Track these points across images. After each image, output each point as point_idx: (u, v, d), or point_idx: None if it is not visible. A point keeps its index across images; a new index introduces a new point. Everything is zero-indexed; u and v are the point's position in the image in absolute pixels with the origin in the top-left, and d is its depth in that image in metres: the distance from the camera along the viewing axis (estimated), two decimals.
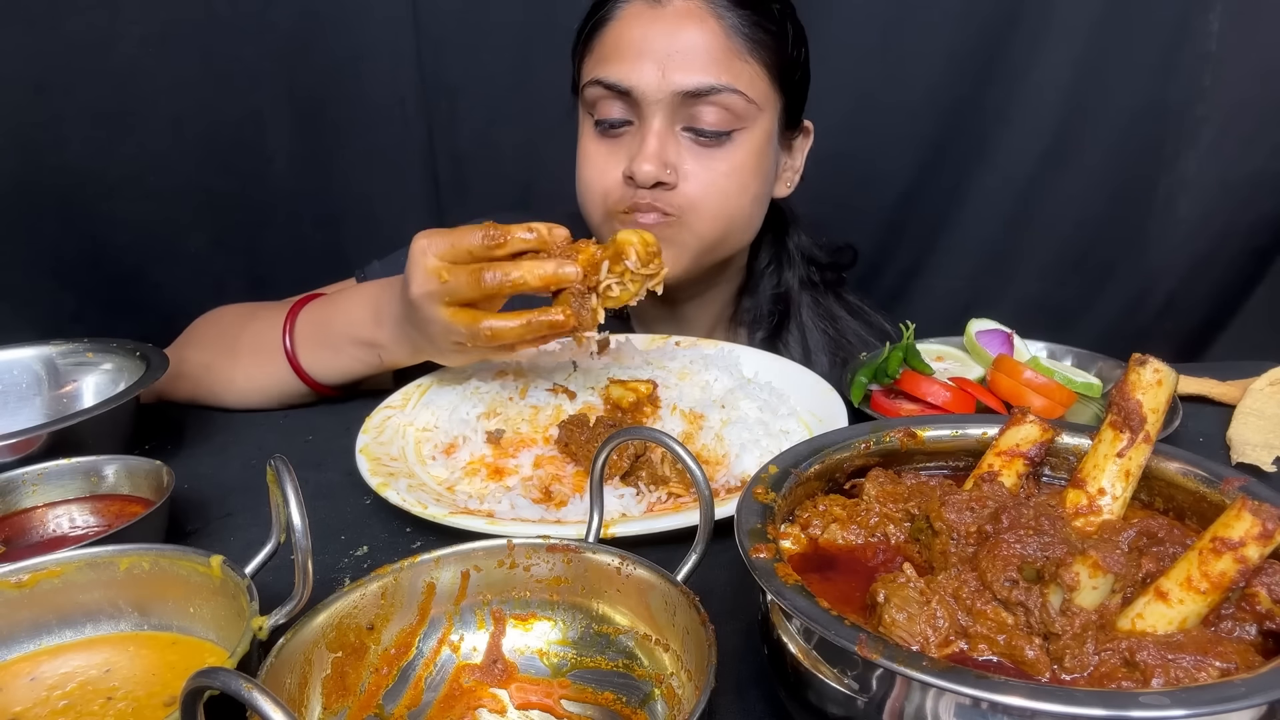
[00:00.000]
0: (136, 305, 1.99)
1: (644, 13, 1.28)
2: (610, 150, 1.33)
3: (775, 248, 1.54)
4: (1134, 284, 2.14)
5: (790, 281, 1.54)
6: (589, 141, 1.36)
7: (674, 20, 1.27)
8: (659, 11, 1.28)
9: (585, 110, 1.37)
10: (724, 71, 1.27)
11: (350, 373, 1.27)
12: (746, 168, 1.33)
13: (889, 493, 0.72)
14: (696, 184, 1.30)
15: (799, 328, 1.53)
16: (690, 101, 1.27)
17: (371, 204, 2.06)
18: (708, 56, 1.26)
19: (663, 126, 1.28)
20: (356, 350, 1.24)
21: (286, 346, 1.26)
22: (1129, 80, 1.96)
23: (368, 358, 1.24)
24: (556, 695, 0.68)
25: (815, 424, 1.13)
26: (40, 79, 1.83)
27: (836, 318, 1.58)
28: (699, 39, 1.26)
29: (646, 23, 1.28)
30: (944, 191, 2.10)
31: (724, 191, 1.32)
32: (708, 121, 1.28)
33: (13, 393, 1.25)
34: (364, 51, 1.94)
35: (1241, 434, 1.10)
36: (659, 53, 1.26)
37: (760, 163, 1.35)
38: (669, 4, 1.28)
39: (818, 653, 0.57)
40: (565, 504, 0.99)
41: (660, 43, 1.26)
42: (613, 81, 1.28)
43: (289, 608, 0.65)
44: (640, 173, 1.26)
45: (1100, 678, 0.54)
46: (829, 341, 1.54)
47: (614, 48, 1.30)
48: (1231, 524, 0.55)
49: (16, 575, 0.72)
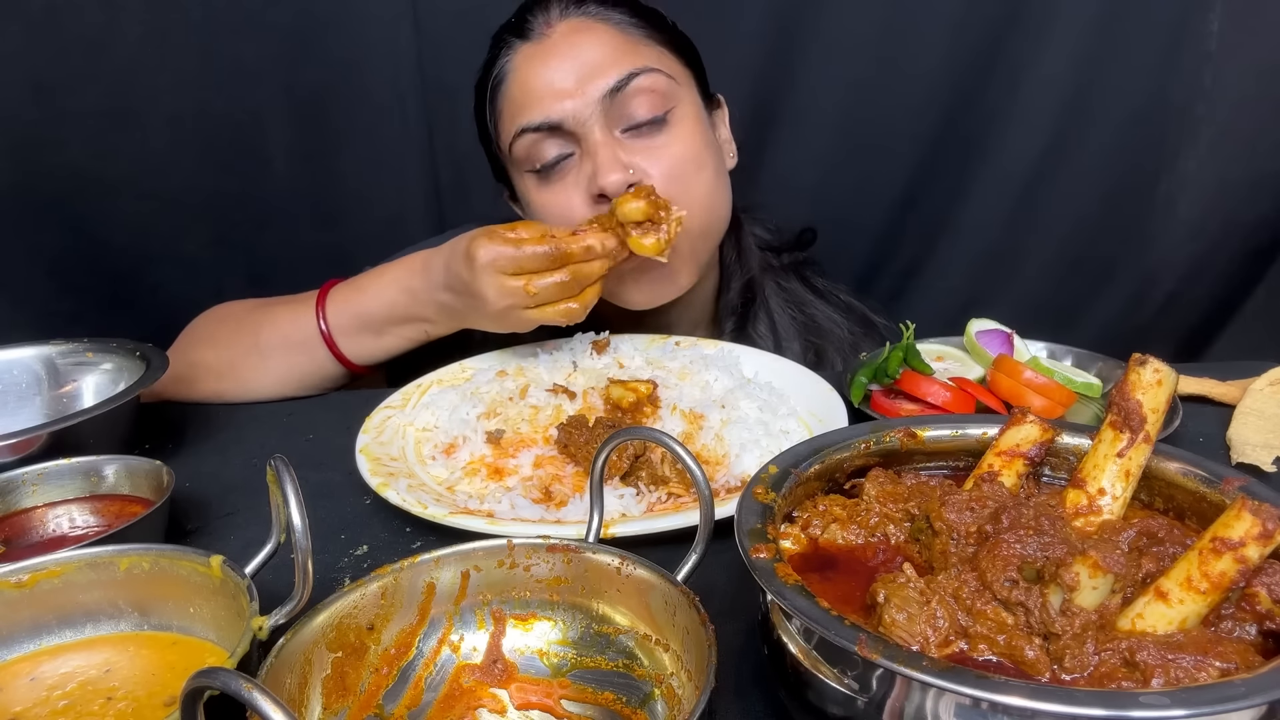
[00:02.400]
0: (136, 305, 1.98)
1: (535, 53, 1.29)
2: (561, 188, 1.31)
3: (734, 239, 1.53)
4: (1134, 284, 2.13)
5: (752, 267, 1.54)
6: (536, 194, 1.35)
7: (564, 44, 1.28)
8: (547, 43, 1.29)
9: (518, 170, 1.36)
10: (633, 59, 1.28)
11: (397, 350, 1.35)
12: (695, 142, 1.32)
13: (889, 493, 0.72)
14: (658, 171, 1.28)
15: (767, 314, 1.52)
16: (617, 100, 1.26)
17: (371, 204, 2.06)
18: (612, 54, 1.27)
19: (604, 136, 1.27)
20: (402, 329, 1.31)
21: (325, 335, 1.32)
22: (1129, 80, 1.96)
23: (413, 334, 1.32)
24: (556, 695, 0.68)
25: (815, 424, 1.13)
26: (40, 79, 1.83)
27: (804, 302, 1.57)
28: (595, 44, 1.28)
29: (541, 59, 1.29)
30: (944, 191, 2.10)
31: (684, 174, 1.30)
32: (641, 113, 1.28)
33: (13, 393, 1.25)
34: (364, 51, 1.93)
35: (1241, 434, 1.09)
36: (567, 75, 1.26)
37: (704, 135, 1.35)
38: (552, 34, 1.29)
39: (818, 653, 0.57)
40: (565, 504, 0.99)
41: (564, 68, 1.27)
42: (539, 122, 1.28)
43: (289, 608, 0.65)
44: (610, 184, 1.24)
45: (1100, 678, 0.54)
46: (799, 326, 1.54)
47: (523, 94, 1.30)
48: (1231, 524, 0.55)
49: (16, 575, 0.72)
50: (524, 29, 1.31)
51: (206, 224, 2.00)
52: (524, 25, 1.31)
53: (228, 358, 1.36)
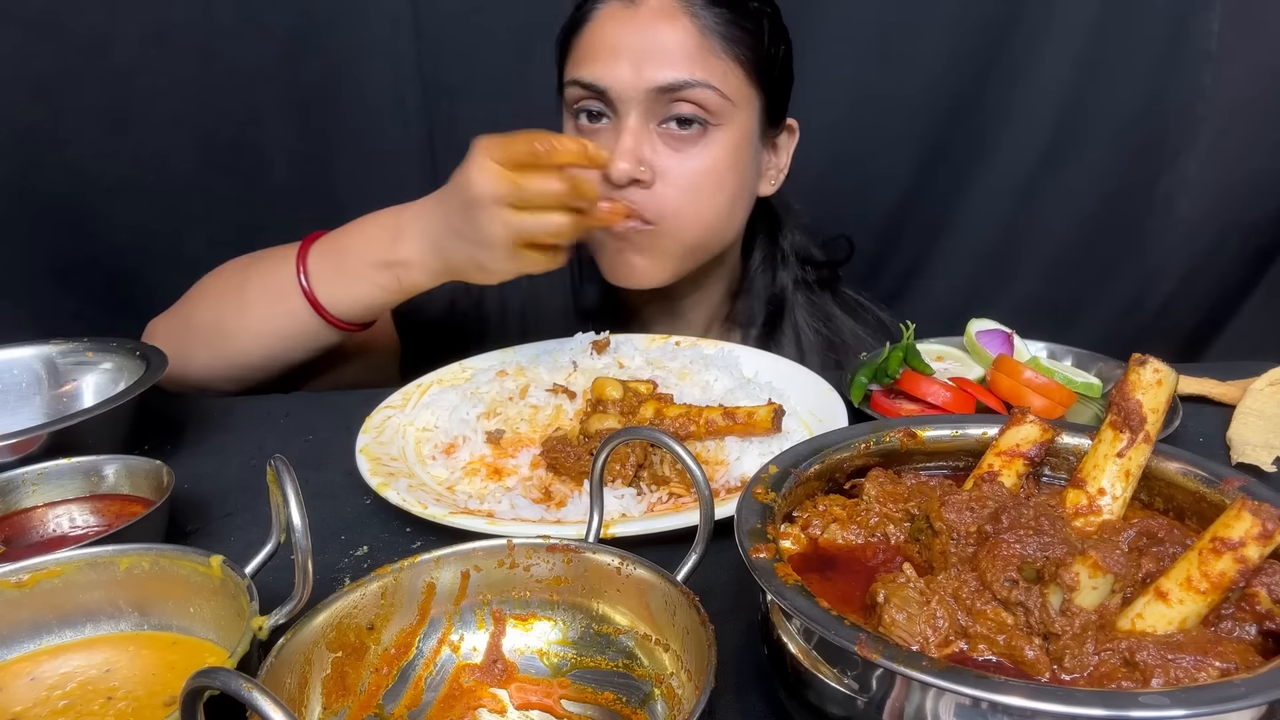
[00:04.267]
0: (136, 305, 1.97)
1: (618, 13, 1.30)
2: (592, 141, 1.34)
3: (768, 247, 1.54)
4: (1134, 284, 2.13)
5: (784, 281, 1.54)
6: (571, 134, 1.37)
7: (648, 19, 1.28)
8: (633, 11, 1.29)
9: (567, 111, 1.38)
10: (698, 68, 1.28)
11: (368, 301, 1.26)
12: (722, 165, 1.33)
13: (889, 493, 0.72)
14: (671, 182, 1.30)
15: (793, 329, 1.53)
16: (665, 98, 1.28)
17: (371, 204, 2.04)
18: (681, 53, 1.27)
19: (638, 124, 1.29)
20: (374, 274, 1.23)
21: (302, 282, 1.25)
22: (1129, 80, 1.96)
23: (386, 281, 1.23)
24: (556, 695, 0.68)
25: (815, 424, 1.13)
26: (40, 79, 1.83)
27: (831, 317, 1.58)
28: (672, 36, 1.27)
29: (621, 22, 1.29)
30: (944, 191, 2.10)
31: (699, 190, 1.32)
32: (682, 118, 1.29)
33: (13, 392, 1.25)
34: (364, 51, 1.93)
35: (1241, 434, 1.09)
36: (633, 51, 1.27)
37: (737, 161, 1.35)
38: (643, 3, 1.29)
39: (818, 653, 0.57)
40: (565, 504, 0.99)
41: (634, 41, 1.27)
42: (589, 81, 1.30)
43: (289, 608, 0.65)
44: (615, 171, 1.26)
45: (1100, 678, 0.54)
46: (822, 341, 1.54)
47: (590, 48, 1.31)
48: (1231, 524, 0.55)
49: (16, 575, 0.72)
50: None
51: (206, 224, 2.00)
52: None
53: (215, 312, 1.32)
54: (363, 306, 1.27)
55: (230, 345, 1.31)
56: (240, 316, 1.30)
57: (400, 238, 1.21)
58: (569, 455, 1.04)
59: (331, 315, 1.26)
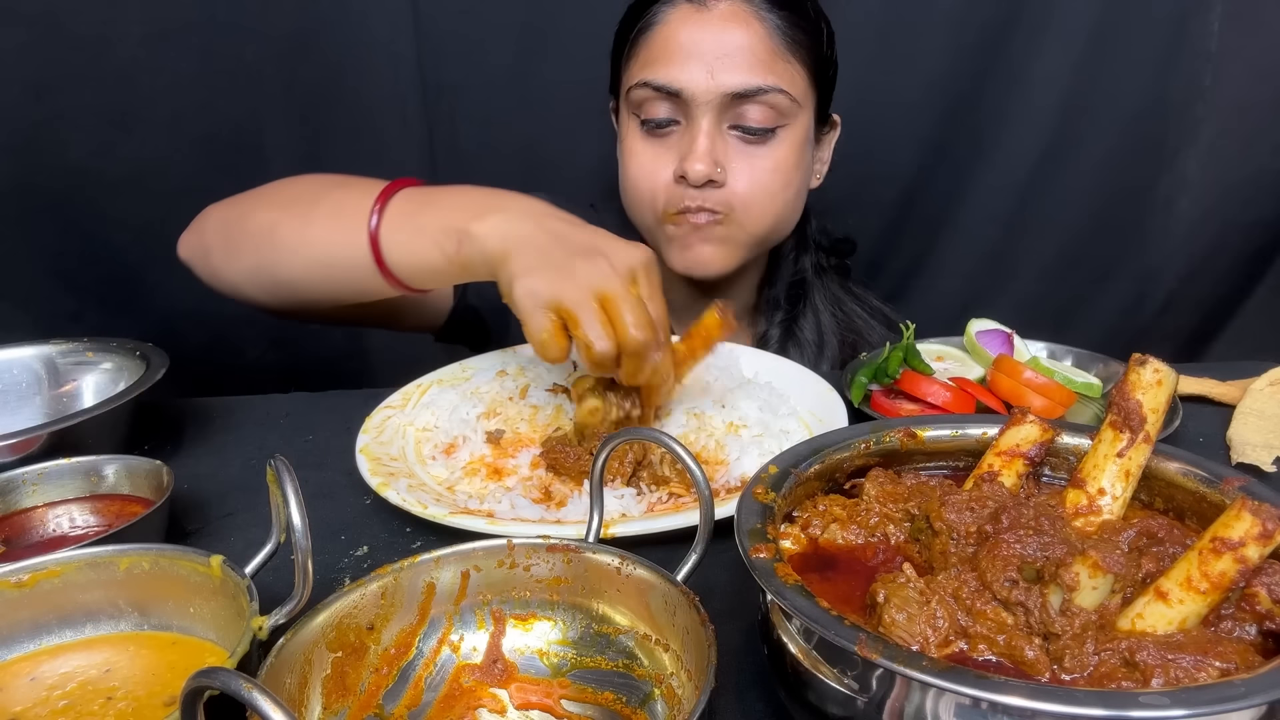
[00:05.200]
0: (136, 305, 1.98)
1: (690, 16, 1.32)
2: (657, 151, 1.38)
3: (797, 235, 1.58)
4: (1134, 284, 2.13)
5: (806, 266, 1.58)
6: (635, 141, 1.40)
7: (719, 23, 1.30)
8: (704, 15, 1.31)
9: (630, 111, 1.40)
10: (769, 72, 1.31)
11: (423, 258, 1.12)
12: (790, 163, 1.37)
13: (889, 493, 0.72)
14: (744, 181, 1.35)
15: (813, 312, 1.57)
16: (737, 101, 1.31)
17: None
18: (753, 57, 1.30)
19: (711, 126, 1.32)
20: (440, 234, 1.09)
21: (372, 219, 1.13)
22: (1129, 80, 1.96)
23: (446, 244, 1.08)
24: (556, 695, 0.68)
25: (815, 424, 1.13)
26: (40, 79, 1.83)
27: (843, 301, 1.63)
28: (744, 40, 1.30)
29: (693, 26, 1.31)
30: (944, 191, 2.10)
31: (769, 187, 1.37)
32: (754, 120, 1.33)
33: (13, 392, 1.25)
34: (364, 51, 1.93)
35: (1241, 434, 1.09)
36: (706, 54, 1.29)
37: (801, 158, 1.40)
38: (714, 7, 1.31)
39: (818, 653, 0.57)
40: (565, 504, 0.99)
41: (707, 45, 1.30)
42: (662, 83, 1.32)
43: (289, 608, 0.65)
44: (693, 172, 1.31)
45: (1100, 678, 0.54)
46: (838, 325, 1.58)
47: (662, 50, 1.33)
48: (1231, 524, 0.55)
49: (16, 575, 0.72)
50: None
51: None
52: None
53: (276, 216, 1.21)
54: (416, 261, 1.13)
55: (280, 256, 1.21)
56: (301, 230, 1.20)
57: (487, 215, 1.07)
58: (569, 455, 1.04)
59: (385, 262, 1.14)
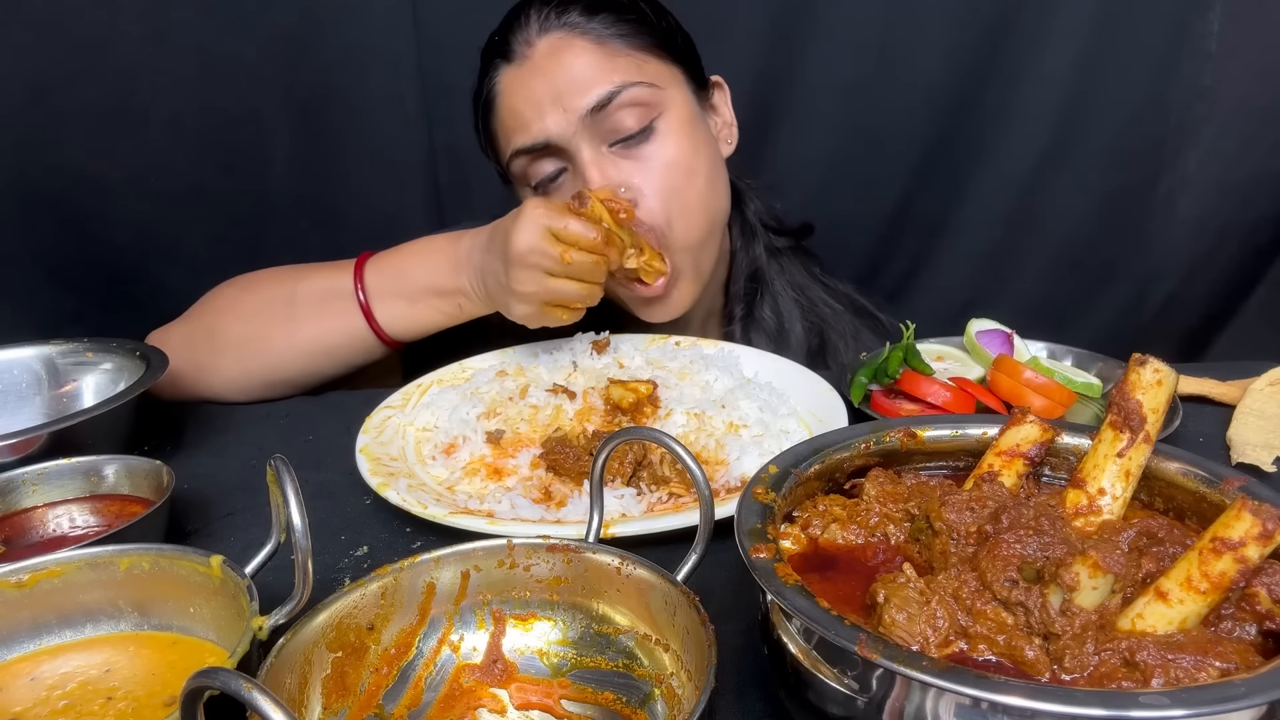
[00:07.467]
0: (136, 305, 1.98)
1: (518, 75, 1.30)
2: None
3: (738, 222, 1.54)
4: (1134, 284, 2.13)
5: (758, 251, 1.54)
6: None
7: (544, 63, 1.28)
8: (529, 65, 1.29)
9: (521, 187, 1.39)
10: (612, 73, 1.28)
11: (430, 324, 1.31)
12: (684, 148, 1.33)
13: (889, 493, 0.72)
14: (650, 191, 1.30)
15: (772, 297, 1.53)
16: (602, 117, 1.27)
17: (371, 204, 2.06)
18: (591, 70, 1.27)
19: (592, 154, 1.29)
20: (436, 300, 1.28)
21: (361, 300, 1.29)
22: (1129, 79, 1.96)
23: (448, 308, 1.29)
24: (556, 695, 0.68)
25: (815, 424, 1.13)
26: (40, 79, 1.83)
27: (804, 285, 1.59)
28: (575, 61, 1.27)
29: (525, 81, 1.29)
30: (944, 191, 2.10)
31: (676, 184, 1.32)
32: (628, 126, 1.29)
33: (13, 393, 1.26)
34: (364, 51, 1.93)
35: (1241, 434, 1.09)
36: (550, 94, 1.27)
37: (693, 139, 1.35)
38: (533, 54, 1.29)
39: (818, 653, 0.57)
40: (565, 504, 0.99)
41: (543, 87, 1.28)
42: (529, 143, 1.30)
43: (289, 608, 0.65)
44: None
45: (1100, 678, 0.54)
46: (801, 309, 1.55)
47: (512, 118, 1.32)
48: (1231, 524, 0.55)
49: (16, 575, 0.72)
50: (507, 50, 1.31)
51: (207, 224, 2.00)
52: (507, 46, 1.31)
53: (254, 325, 1.33)
54: (422, 329, 1.32)
55: (269, 359, 1.33)
56: (290, 333, 1.32)
57: (459, 269, 1.25)
58: (569, 455, 1.04)
59: (387, 334, 1.31)
